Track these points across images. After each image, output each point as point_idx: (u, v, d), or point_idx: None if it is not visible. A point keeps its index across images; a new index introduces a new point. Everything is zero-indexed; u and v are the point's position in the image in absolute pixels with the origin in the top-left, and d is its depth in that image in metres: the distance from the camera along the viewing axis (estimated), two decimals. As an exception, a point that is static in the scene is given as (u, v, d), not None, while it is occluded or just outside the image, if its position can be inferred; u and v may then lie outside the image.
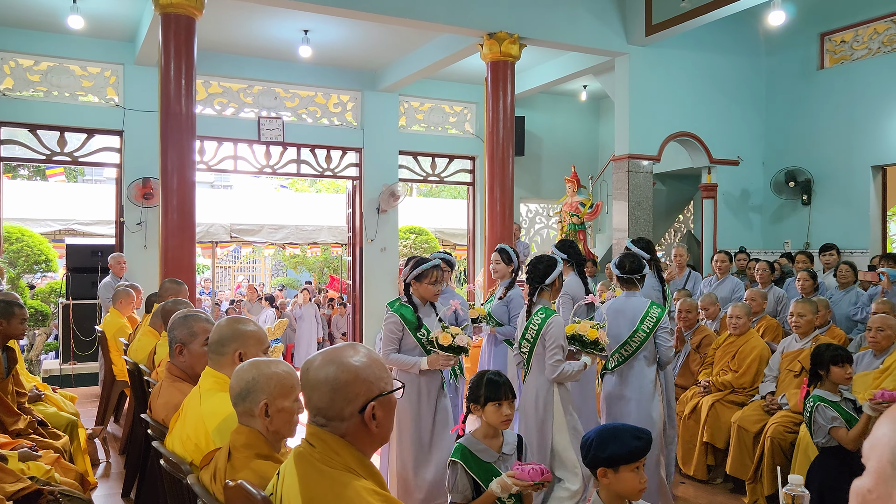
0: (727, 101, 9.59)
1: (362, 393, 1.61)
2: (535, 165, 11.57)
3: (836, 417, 3.56)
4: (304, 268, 19.87)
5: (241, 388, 2.03)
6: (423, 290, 4.14)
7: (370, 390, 1.62)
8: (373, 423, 1.61)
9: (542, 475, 2.63)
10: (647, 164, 9.03)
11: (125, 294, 6.50)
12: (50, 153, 8.79)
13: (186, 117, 6.49)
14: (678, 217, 12.24)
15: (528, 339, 3.89)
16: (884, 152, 8.49)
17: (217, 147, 9.72)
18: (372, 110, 10.41)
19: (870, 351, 4.70)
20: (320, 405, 1.61)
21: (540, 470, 2.64)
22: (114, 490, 4.79)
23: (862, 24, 8.84)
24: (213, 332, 2.52)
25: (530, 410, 3.85)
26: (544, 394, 3.80)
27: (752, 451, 4.75)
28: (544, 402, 3.79)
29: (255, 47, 9.18)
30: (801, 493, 1.86)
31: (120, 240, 9.01)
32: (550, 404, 3.79)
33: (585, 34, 8.39)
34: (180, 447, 2.35)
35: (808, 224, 9.22)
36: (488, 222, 8.13)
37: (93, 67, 8.87)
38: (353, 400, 1.60)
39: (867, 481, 0.86)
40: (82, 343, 8.52)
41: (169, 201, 6.48)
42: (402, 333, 4.05)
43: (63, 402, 4.80)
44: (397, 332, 4.05)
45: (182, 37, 6.47)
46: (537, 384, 3.85)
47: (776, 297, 6.72)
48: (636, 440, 2.22)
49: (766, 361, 5.21)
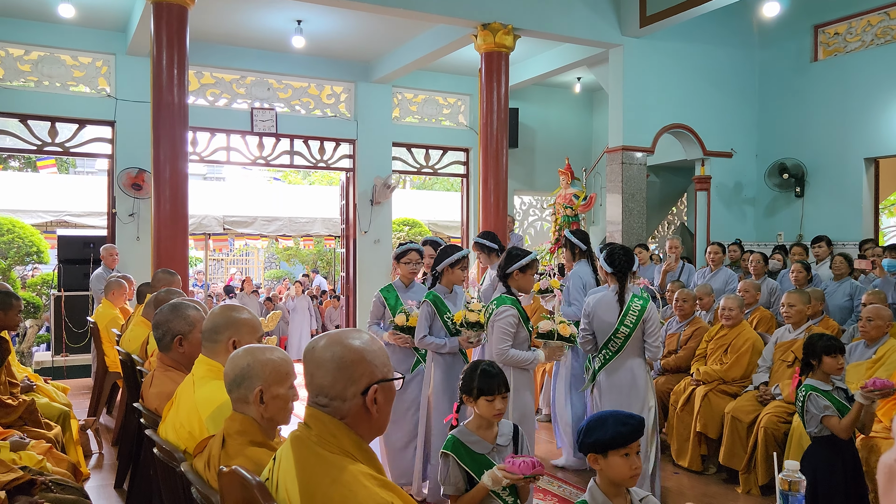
0: (721, 93, 9.59)
1: (366, 374, 1.61)
2: (528, 157, 11.55)
3: (828, 406, 3.57)
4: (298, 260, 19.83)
5: (235, 374, 2.01)
6: (455, 276, 4.46)
7: (374, 373, 1.62)
8: (374, 408, 1.61)
9: (534, 468, 2.59)
10: (641, 156, 9.03)
11: (117, 285, 6.46)
12: (41, 143, 8.72)
13: (179, 108, 6.44)
14: (672, 209, 12.26)
15: (626, 326, 4.15)
16: (877, 144, 8.51)
17: (210, 138, 9.66)
18: (365, 102, 10.36)
19: (862, 341, 4.72)
20: (323, 383, 1.61)
21: (531, 463, 2.60)
22: (106, 481, 4.77)
23: (855, 16, 8.84)
24: (206, 320, 2.51)
25: (626, 390, 4.18)
26: (643, 374, 4.22)
27: (745, 441, 4.77)
28: (644, 382, 4.21)
29: (248, 38, 9.12)
30: (798, 479, 1.86)
31: (112, 231, 8.95)
32: (649, 382, 4.26)
33: (579, 25, 8.37)
34: (174, 435, 2.34)
35: (801, 216, 9.24)
36: (482, 214, 8.11)
37: (84, 57, 8.79)
38: (357, 380, 1.60)
39: (895, 454, 0.82)
40: (74, 335, 8.47)
41: (161, 192, 6.44)
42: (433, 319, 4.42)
43: (55, 393, 4.78)
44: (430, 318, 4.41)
45: (174, 26, 6.42)
46: (634, 365, 4.20)
47: (770, 289, 6.74)
48: (621, 426, 2.21)
49: (758, 353, 5.22)
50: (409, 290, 4.76)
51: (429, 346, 4.40)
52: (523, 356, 3.98)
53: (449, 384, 4.33)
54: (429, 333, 4.39)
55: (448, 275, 4.46)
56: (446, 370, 4.39)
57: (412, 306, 4.54)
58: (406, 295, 4.69)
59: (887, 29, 8.54)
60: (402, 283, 4.80)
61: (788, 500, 1.85)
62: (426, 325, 4.38)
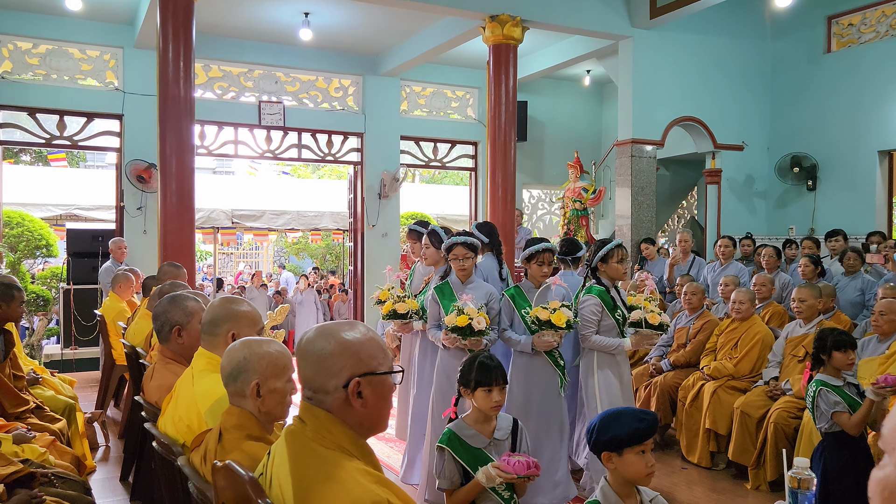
0: (732, 85, 9.48)
1: (348, 367, 1.56)
2: (537, 151, 11.48)
3: (838, 402, 3.50)
4: (307, 254, 19.83)
5: (232, 367, 1.98)
6: (535, 271, 4.21)
7: (357, 366, 1.57)
8: (358, 402, 1.55)
9: (529, 468, 2.55)
10: (651, 149, 8.94)
11: (124, 278, 6.46)
12: (49, 137, 8.73)
13: (185, 100, 6.43)
14: (682, 203, 12.16)
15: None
16: (890, 137, 8.39)
17: (217, 131, 9.65)
18: (373, 95, 10.32)
19: (875, 336, 4.64)
20: (307, 375, 1.58)
21: (527, 463, 2.56)
22: (112, 473, 4.77)
23: (870, 6, 8.71)
24: (206, 313, 2.48)
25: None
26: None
27: (755, 436, 4.71)
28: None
29: (256, 30, 9.09)
30: (808, 476, 1.80)
31: (120, 224, 8.97)
32: None
33: (589, 17, 8.29)
34: (172, 429, 2.31)
35: (813, 210, 9.14)
36: (490, 208, 8.06)
37: (92, 50, 8.79)
38: (336, 373, 1.55)
39: (892, 471, 0.73)
40: (83, 328, 8.49)
41: (168, 185, 6.43)
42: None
43: (61, 386, 4.77)
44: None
45: (180, 19, 6.40)
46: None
47: (781, 284, 6.66)
48: (638, 422, 2.16)
49: (769, 347, 5.16)
50: (465, 286, 4.26)
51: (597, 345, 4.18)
52: (607, 342, 4.07)
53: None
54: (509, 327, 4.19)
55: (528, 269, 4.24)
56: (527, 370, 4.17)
57: (466, 301, 4.01)
58: (462, 292, 4.17)
59: (902, 19, 8.41)
60: (458, 279, 4.30)
61: (798, 497, 1.80)
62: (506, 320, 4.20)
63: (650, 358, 6.00)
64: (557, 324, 3.91)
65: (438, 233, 4.64)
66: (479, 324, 3.85)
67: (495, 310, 4.22)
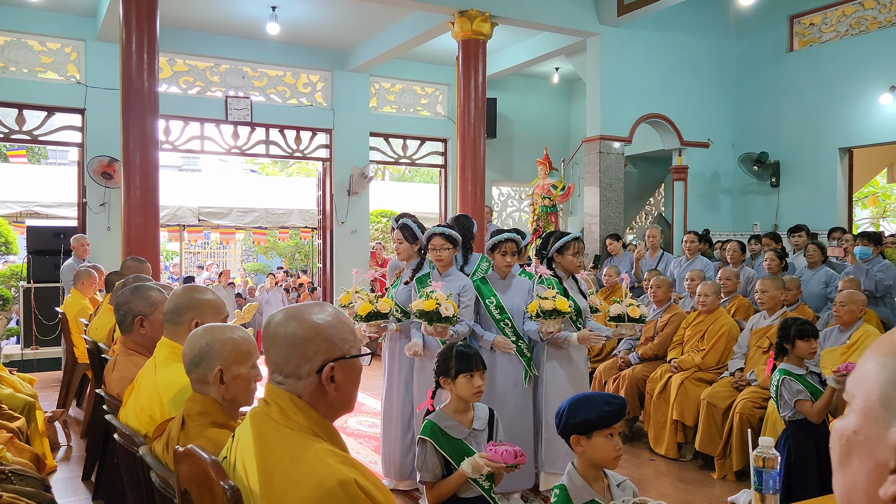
0: (698, 83, 9.61)
1: (322, 352, 1.53)
2: (507, 148, 11.51)
3: (801, 391, 3.56)
4: (275, 253, 19.63)
5: (194, 354, 1.93)
6: (567, 261, 4.30)
7: (331, 350, 1.54)
8: (331, 386, 1.53)
9: (516, 458, 2.59)
10: (619, 145, 9.02)
11: (87, 275, 6.33)
12: (8, 131, 8.51)
13: (149, 94, 6.30)
14: (649, 199, 12.29)
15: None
16: (851, 134, 8.58)
17: (183, 126, 9.49)
18: (342, 91, 10.25)
19: (837, 327, 4.74)
20: (277, 360, 1.53)
21: (514, 452, 2.59)
22: (74, 473, 4.66)
23: (831, 6, 8.89)
24: (168, 301, 2.42)
25: None
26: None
27: (721, 427, 4.78)
28: None
29: (222, 24, 8.96)
30: (773, 455, 1.82)
31: (83, 221, 8.77)
32: None
33: (557, 13, 8.33)
34: (134, 419, 2.26)
35: (777, 206, 9.30)
36: (460, 205, 8.05)
37: (52, 43, 8.59)
38: (310, 358, 1.52)
39: (852, 421, 0.74)
40: (44, 327, 8.29)
41: (132, 180, 6.30)
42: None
43: (20, 384, 4.65)
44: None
45: (144, 11, 6.27)
46: None
47: (746, 278, 6.76)
48: (608, 405, 2.19)
49: (734, 339, 5.23)
50: (444, 277, 4.17)
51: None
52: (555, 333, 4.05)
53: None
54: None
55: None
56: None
57: (435, 288, 3.91)
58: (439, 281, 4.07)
59: (861, 19, 8.59)
60: (437, 271, 4.27)
61: (763, 476, 1.82)
62: None
63: (619, 351, 6.05)
64: (563, 310, 3.92)
65: (411, 227, 4.55)
66: (446, 310, 3.79)
67: (466, 303, 4.14)
